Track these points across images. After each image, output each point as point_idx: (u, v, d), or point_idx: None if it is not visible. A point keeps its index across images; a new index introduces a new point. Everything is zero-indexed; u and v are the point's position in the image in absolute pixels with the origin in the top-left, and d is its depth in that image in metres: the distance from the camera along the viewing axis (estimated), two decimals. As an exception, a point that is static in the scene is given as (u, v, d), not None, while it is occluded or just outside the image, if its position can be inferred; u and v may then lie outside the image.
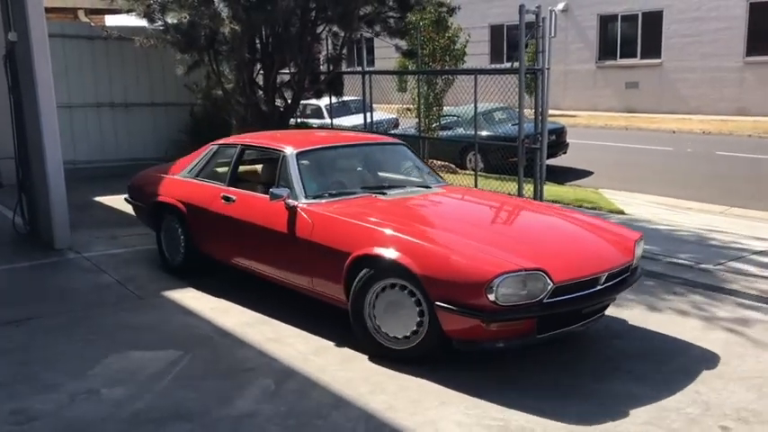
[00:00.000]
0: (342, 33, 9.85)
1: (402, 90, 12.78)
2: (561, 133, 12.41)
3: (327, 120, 12.46)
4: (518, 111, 7.81)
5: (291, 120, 10.79)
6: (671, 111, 19.68)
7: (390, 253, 4.15)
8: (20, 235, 7.51)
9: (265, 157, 5.97)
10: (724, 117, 18.38)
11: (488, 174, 10.14)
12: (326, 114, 12.74)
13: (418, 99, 10.50)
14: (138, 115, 11.74)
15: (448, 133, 12.04)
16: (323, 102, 12.68)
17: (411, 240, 4.20)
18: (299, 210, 4.82)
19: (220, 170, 5.95)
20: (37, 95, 6.76)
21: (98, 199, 9.50)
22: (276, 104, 10.01)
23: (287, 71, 10.11)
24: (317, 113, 13.76)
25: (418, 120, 10.85)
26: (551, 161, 11.01)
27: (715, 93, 19.05)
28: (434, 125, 12.13)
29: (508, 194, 7.31)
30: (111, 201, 9.29)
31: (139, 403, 3.84)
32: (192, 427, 3.58)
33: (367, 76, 10.42)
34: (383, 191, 5.24)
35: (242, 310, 5.26)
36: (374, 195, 5.14)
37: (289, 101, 10.14)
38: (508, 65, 17.46)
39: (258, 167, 6.16)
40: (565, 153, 12.48)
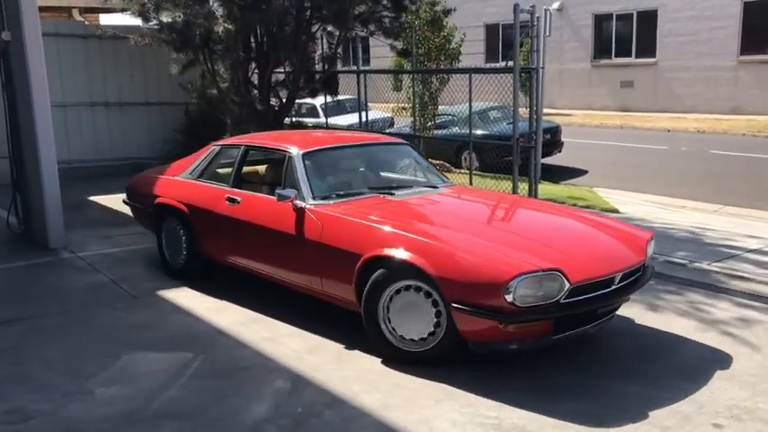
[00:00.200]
0: (337, 32, 9.86)
1: (397, 89, 12.79)
2: (556, 132, 12.42)
3: (322, 119, 12.45)
4: (513, 110, 7.82)
5: (286, 119, 10.78)
6: (666, 110, 19.72)
7: (404, 254, 4.09)
8: (14, 234, 7.49)
9: (270, 158, 5.90)
10: (718, 116, 18.43)
11: (484, 173, 10.14)
12: (322, 113, 12.73)
13: (413, 98, 10.50)
14: (133, 114, 11.72)
15: (443, 132, 12.05)
16: (318, 101, 12.69)
17: (425, 241, 4.15)
18: (308, 211, 4.75)
19: (223, 171, 5.88)
20: (31, 95, 6.75)
21: (92, 198, 9.49)
22: (271, 103, 10.01)
23: (282, 70, 10.11)
24: (313, 112, 13.75)
25: (413, 119, 10.86)
26: (546, 160, 11.02)
27: (709, 92, 19.09)
28: (430, 124, 12.14)
29: (517, 194, 7.27)
30: (105, 200, 9.29)
31: (134, 402, 3.84)
32: (187, 426, 3.58)
33: (362, 75, 10.43)
34: (391, 191, 5.17)
35: (237, 309, 5.26)
36: (382, 196, 5.07)
37: (284, 100, 10.14)
38: (503, 64, 17.49)
39: (262, 168, 6.08)
40: (560, 152, 12.50)
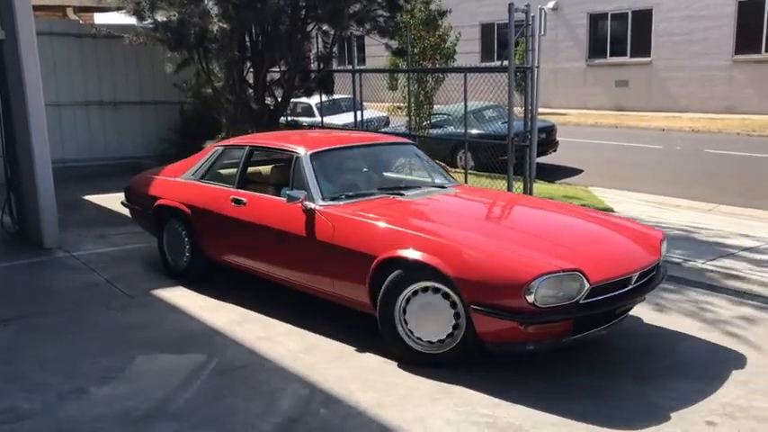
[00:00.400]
0: (332, 31, 9.85)
1: (393, 88, 12.79)
2: (551, 131, 12.44)
3: (318, 118, 12.45)
4: (508, 109, 7.82)
5: (282, 118, 10.78)
6: (660, 109, 19.76)
7: (421, 255, 4.04)
8: (8, 234, 7.48)
9: (276, 159, 5.85)
10: (713, 115, 18.48)
11: (479, 172, 10.15)
12: (317, 113, 12.73)
13: (408, 97, 10.50)
14: (128, 114, 11.70)
15: (439, 131, 12.05)
16: (313, 100, 12.67)
17: (443, 242, 4.12)
18: (318, 212, 4.69)
19: (227, 172, 5.80)
20: (25, 94, 6.73)
21: (87, 198, 9.47)
22: (266, 103, 10.00)
23: (277, 69, 10.10)
24: (308, 112, 13.75)
25: (408, 118, 10.86)
26: (541, 159, 11.04)
27: (704, 91, 19.14)
28: (425, 123, 12.14)
29: (527, 195, 7.23)
30: (100, 199, 9.28)
31: (129, 402, 3.83)
32: (181, 426, 3.58)
33: (357, 75, 10.43)
34: (400, 191, 5.12)
35: (232, 308, 5.26)
36: (392, 196, 5.01)
37: (279, 99, 10.14)
38: (499, 63, 17.52)
39: (268, 169, 6.00)
40: (555, 151, 12.52)
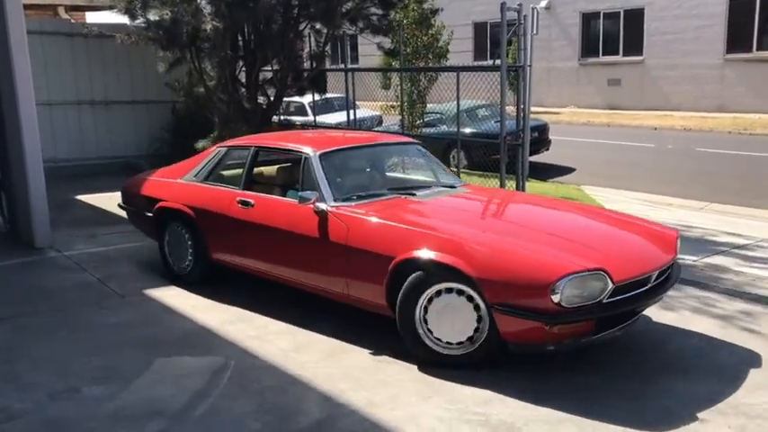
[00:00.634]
0: (324, 30, 9.84)
1: (386, 87, 12.78)
2: (544, 130, 12.46)
3: (311, 117, 12.43)
4: (500, 108, 7.84)
5: (274, 117, 10.76)
6: (653, 108, 19.82)
7: (442, 256, 4.00)
8: (-1, 234, 7.46)
9: (282, 159, 5.80)
10: (705, 114, 18.55)
11: (472, 171, 10.17)
12: (310, 112, 12.71)
13: (401, 96, 10.50)
14: (120, 113, 11.66)
15: (432, 130, 12.05)
16: (306, 99, 12.66)
17: (463, 242, 4.08)
18: (330, 213, 4.62)
19: (231, 173, 5.73)
20: (16, 93, 6.70)
21: (79, 197, 9.44)
22: (259, 102, 9.98)
23: (269, 68, 10.09)
24: (301, 111, 13.73)
25: (401, 117, 10.86)
26: (534, 158, 11.06)
27: (696, 90, 19.21)
28: (418, 122, 12.14)
29: (536, 194, 7.19)
30: (92, 199, 9.26)
31: (119, 401, 3.83)
32: (172, 425, 3.58)
33: (350, 74, 10.43)
34: (411, 191, 5.07)
35: (224, 308, 5.25)
36: (403, 196, 4.96)
37: (271, 98, 10.12)
38: (491, 62, 17.54)
39: (274, 170, 5.89)
40: (547, 150, 12.54)
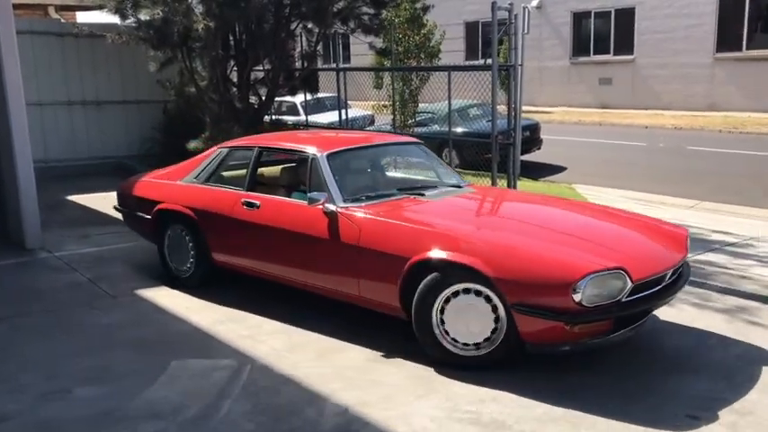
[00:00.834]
0: (316, 30, 9.84)
1: (378, 87, 12.79)
2: (535, 129, 12.48)
3: (302, 117, 12.43)
4: (491, 107, 7.86)
5: (266, 117, 10.75)
6: (644, 106, 19.90)
7: (459, 257, 3.97)
8: (-10, 235, 7.41)
9: (287, 160, 5.74)
10: (695, 112, 18.63)
11: (464, 170, 10.17)
12: (302, 111, 12.70)
13: (393, 96, 10.51)
14: (111, 113, 11.62)
15: (423, 130, 12.07)
16: (298, 99, 12.66)
17: (480, 242, 4.07)
18: (341, 214, 4.57)
19: (233, 174, 5.67)
20: (6, 94, 6.67)
21: (70, 198, 9.41)
22: (250, 102, 9.98)
23: (261, 68, 10.08)
24: (293, 110, 13.72)
25: (393, 116, 10.87)
26: (525, 157, 11.08)
27: (686, 89, 19.29)
28: (410, 122, 12.16)
29: (545, 194, 7.17)
30: (83, 199, 9.23)
31: (111, 402, 3.82)
32: (165, 426, 3.57)
33: (341, 73, 10.43)
34: (420, 191, 5.03)
35: (215, 308, 5.24)
36: (412, 197, 4.92)
37: (263, 98, 10.12)
38: (483, 62, 17.57)
39: (277, 170, 5.86)
40: (539, 149, 12.57)
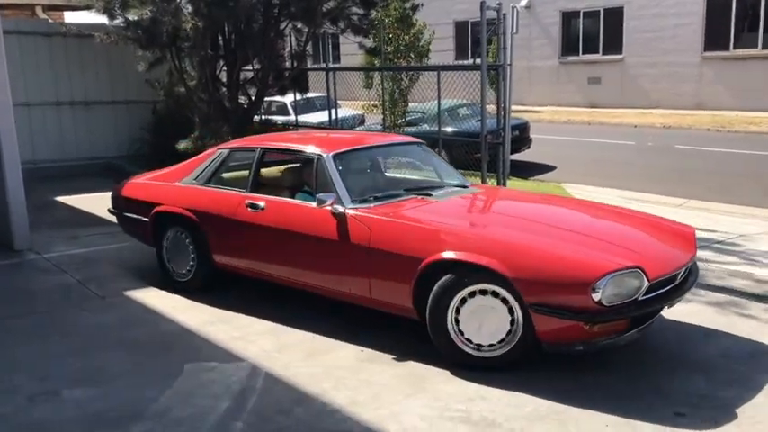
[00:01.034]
0: (305, 29, 9.84)
1: (368, 87, 12.79)
2: (524, 129, 12.51)
3: (292, 117, 12.42)
4: (480, 107, 7.88)
5: (255, 117, 10.74)
6: (632, 105, 20.00)
7: (475, 257, 3.94)
8: (-23, 236, 7.36)
9: (291, 160, 5.71)
10: (684, 111, 18.74)
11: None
12: (291, 111, 12.69)
13: (382, 95, 10.52)
14: (100, 113, 11.57)
15: (413, 129, 12.07)
16: (288, 98, 12.64)
17: (497, 242, 4.05)
18: (350, 215, 4.52)
19: (234, 175, 5.62)
20: (-7, 94, 6.64)
21: (59, 199, 9.37)
22: (240, 102, 9.97)
23: (250, 68, 10.06)
24: (282, 110, 13.70)
25: (383, 116, 10.87)
26: (515, 156, 11.11)
27: (675, 88, 19.40)
28: (400, 121, 12.17)
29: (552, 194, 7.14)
30: (72, 200, 9.18)
31: (100, 403, 3.81)
32: (152, 426, 3.57)
33: (331, 73, 10.43)
34: (427, 192, 4.99)
35: (205, 309, 5.24)
36: (420, 197, 4.88)
37: (252, 98, 10.10)
38: (472, 61, 17.60)
39: (282, 171, 5.80)
40: (528, 148, 12.60)
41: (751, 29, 18.10)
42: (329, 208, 4.57)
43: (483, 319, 4.03)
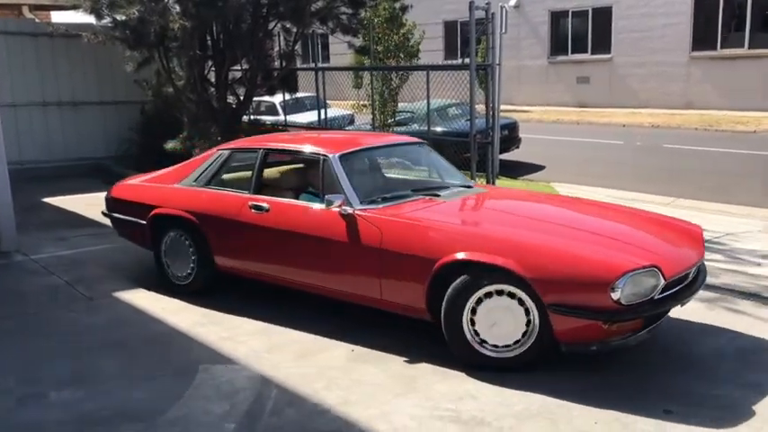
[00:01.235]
0: (294, 29, 9.82)
1: (358, 86, 12.79)
2: (513, 128, 12.53)
3: (282, 117, 12.39)
4: (470, 107, 7.90)
5: (244, 117, 10.71)
6: (621, 105, 20.08)
7: (491, 257, 3.92)
8: (-36, 238, 7.30)
9: (295, 161, 5.64)
10: (672, 111, 18.84)
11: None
12: (281, 111, 12.66)
13: (372, 95, 10.51)
14: (87, 114, 11.51)
15: (403, 129, 12.07)
16: (277, 98, 12.61)
17: (513, 242, 4.02)
18: (360, 217, 4.46)
19: (236, 176, 5.53)
20: (-22, 94, 6.59)
21: (46, 200, 9.30)
22: (228, 101, 9.94)
23: (239, 68, 10.03)
24: (271, 110, 13.66)
25: (372, 116, 10.87)
26: (504, 156, 11.15)
27: (663, 87, 19.50)
28: (390, 121, 12.17)
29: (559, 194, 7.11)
30: (59, 201, 9.12)
31: (89, 405, 3.79)
32: (143, 427, 3.55)
33: (320, 73, 10.41)
34: (434, 192, 4.95)
35: (194, 309, 5.21)
36: (428, 197, 4.83)
37: (241, 98, 10.08)
38: (461, 61, 17.63)
39: (286, 172, 5.73)
40: (517, 148, 12.61)
41: (738, 29, 18.23)
42: (338, 209, 4.51)
43: (499, 320, 4.00)
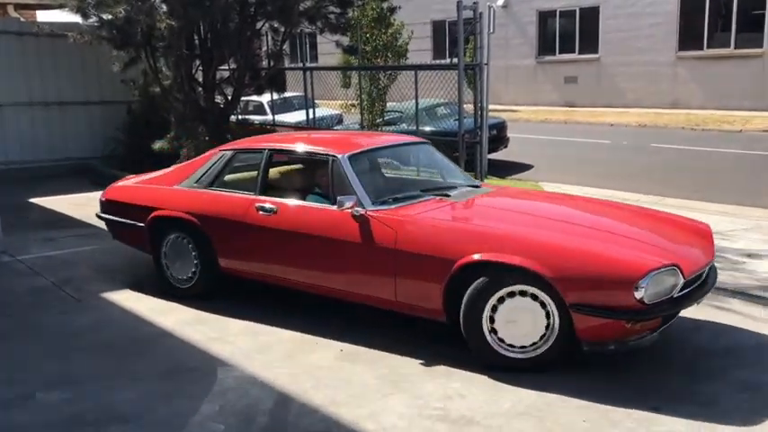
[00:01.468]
0: (282, 29, 9.81)
1: (346, 86, 12.78)
2: (502, 128, 12.55)
3: (270, 116, 12.36)
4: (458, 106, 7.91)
5: (232, 116, 10.69)
6: (609, 104, 20.17)
7: (512, 258, 3.89)
8: (-51, 239, 7.24)
9: (300, 161, 5.59)
10: (659, 110, 18.94)
11: (431, 168, 10.21)
12: (269, 111, 12.64)
13: (360, 95, 10.51)
14: (74, 114, 11.45)
15: (392, 129, 12.08)
16: (265, 98, 12.59)
17: (535, 242, 3.98)
18: (373, 218, 4.40)
19: (240, 177, 5.46)
20: (-36, 94, 6.54)
21: (33, 200, 9.24)
22: (216, 101, 9.91)
23: (227, 67, 10.01)
24: (259, 110, 13.63)
25: (361, 115, 10.87)
26: (492, 155, 11.16)
27: (650, 87, 19.60)
28: (378, 120, 12.17)
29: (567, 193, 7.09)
30: (46, 202, 9.07)
31: (77, 406, 3.77)
32: (132, 428, 3.54)
33: (309, 72, 10.40)
34: (444, 192, 4.90)
35: (182, 310, 5.20)
36: (438, 198, 4.78)
37: (229, 97, 10.05)
38: (449, 61, 17.65)
39: (290, 172, 5.68)
40: (506, 147, 12.64)
41: (724, 28, 18.35)
42: (349, 210, 4.46)
43: (519, 321, 3.98)
